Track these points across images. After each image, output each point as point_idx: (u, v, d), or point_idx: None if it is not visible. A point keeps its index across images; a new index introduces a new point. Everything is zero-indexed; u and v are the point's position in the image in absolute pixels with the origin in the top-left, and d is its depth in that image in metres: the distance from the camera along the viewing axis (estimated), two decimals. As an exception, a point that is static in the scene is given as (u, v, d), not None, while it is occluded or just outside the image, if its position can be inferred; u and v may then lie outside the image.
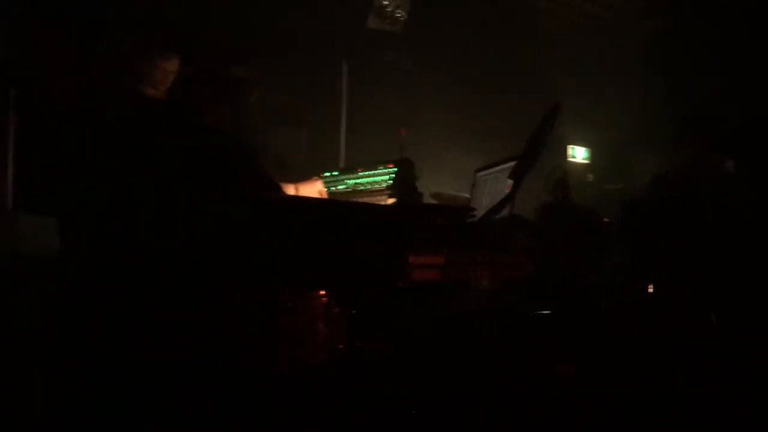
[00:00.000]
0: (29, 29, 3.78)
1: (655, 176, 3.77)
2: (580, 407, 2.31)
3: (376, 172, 2.98)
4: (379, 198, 2.96)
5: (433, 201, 3.30)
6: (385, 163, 2.95)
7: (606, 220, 3.85)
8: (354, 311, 1.94)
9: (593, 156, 6.93)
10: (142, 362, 1.84)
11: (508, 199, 2.20)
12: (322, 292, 1.95)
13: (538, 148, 2.15)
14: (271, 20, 4.56)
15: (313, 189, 2.89)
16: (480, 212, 2.40)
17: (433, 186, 3.58)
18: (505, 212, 2.35)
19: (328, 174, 3.15)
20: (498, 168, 2.74)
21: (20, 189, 3.00)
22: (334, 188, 3.11)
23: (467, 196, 3.43)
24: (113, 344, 1.86)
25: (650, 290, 3.13)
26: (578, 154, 6.89)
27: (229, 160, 2.14)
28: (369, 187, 3.01)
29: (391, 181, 2.93)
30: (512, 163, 2.55)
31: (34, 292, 2.40)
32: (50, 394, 2.04)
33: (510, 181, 2.42)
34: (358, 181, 3.06)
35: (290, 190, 2.77)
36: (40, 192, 2.77)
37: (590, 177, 6.92)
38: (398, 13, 5.27)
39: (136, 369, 1.84)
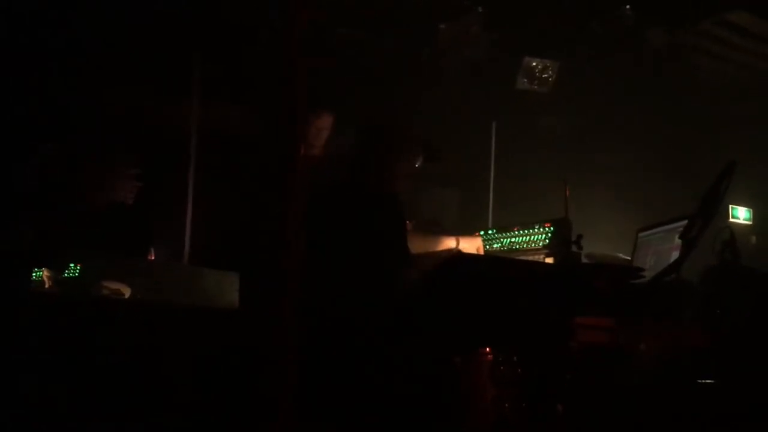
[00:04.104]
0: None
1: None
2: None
3: (532, 230, 2.97)
4: (535, 257, 2.93)
5: (586, 261, 3.22)
6: (542, 223, 2.93)
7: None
8: (520, 370, 1.92)
9: (757, 217, 6.48)
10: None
11: (681, 261, 2.12)
12: (488, 350, 1.96)
13: (713, 208, 2.06)
14: (425, 85, 4.73)
15: (474, 244, 2.92)
16: (647, 273, 2.32)
17: (586, 246, 3.50)
18: (673, 275, 2.26)
19: (482, 232, 3.18)
20: (663, 228, 2.65)
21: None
22: (489, 246, 3.13)
23: (623, 256, 3.32)
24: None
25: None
26: (740, 214, 6.46)
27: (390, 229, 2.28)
28: (525, 246, 2.99)
29: (548, 241, 2.90)
30: (679, 223, 2.47)
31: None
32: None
33: (679, 242, 2.33)
34: (513, 239, 3.06)
35: (452, 243, 2.83)
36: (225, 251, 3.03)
37: (753, 239, 6.46)
38: (546, 73, 5.30)
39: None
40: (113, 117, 4.00)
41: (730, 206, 6.44)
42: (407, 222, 2.61)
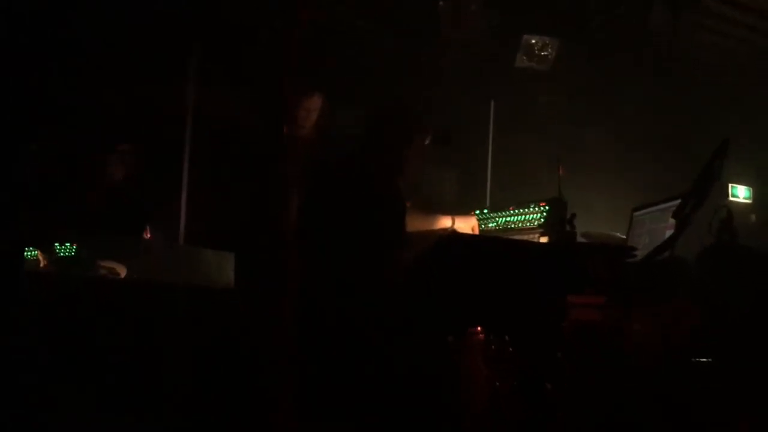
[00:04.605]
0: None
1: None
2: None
3: (527, 210, 2.97)
4: (530, 236, 2.94)
5: (582, 240, 3.23)
6: (537, 202, 2.93)
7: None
8: (512, 349, 1.93)
9: (756, 196, 6.45)
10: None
11: (674, 239, 2.12)
12: (480, 328, 1.96)
13: (706, 187, 2.06)
14: (423, 65, 4.70)
15: (469, 224, 2.93)
16: (641, 252, 2.32)
17: (582, 225, 3.50)
18: (666, 254, 2.26)
19: (478, 212, 3.18)
20: (659, 207, 2.65)
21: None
22: (484, 226, 3.13)
23: (619, 235, 3.33)
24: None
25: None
26: (740, 193, 6.44)
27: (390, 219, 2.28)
28: (520, 225, 3.00)
29: (543, 220, 2.90)
30: (674, 202, 2.46)
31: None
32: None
33: (672, 221, 2.33)
34: (508, 219, 3.06)
35: (447, 222, 2.84)
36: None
37: (753, 218, 6.44)
38: (546, 51, 5.26)
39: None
40: (112, 110, 3.99)
41: (730, 185, 6.42)
42: (406, 202, 2.62)
